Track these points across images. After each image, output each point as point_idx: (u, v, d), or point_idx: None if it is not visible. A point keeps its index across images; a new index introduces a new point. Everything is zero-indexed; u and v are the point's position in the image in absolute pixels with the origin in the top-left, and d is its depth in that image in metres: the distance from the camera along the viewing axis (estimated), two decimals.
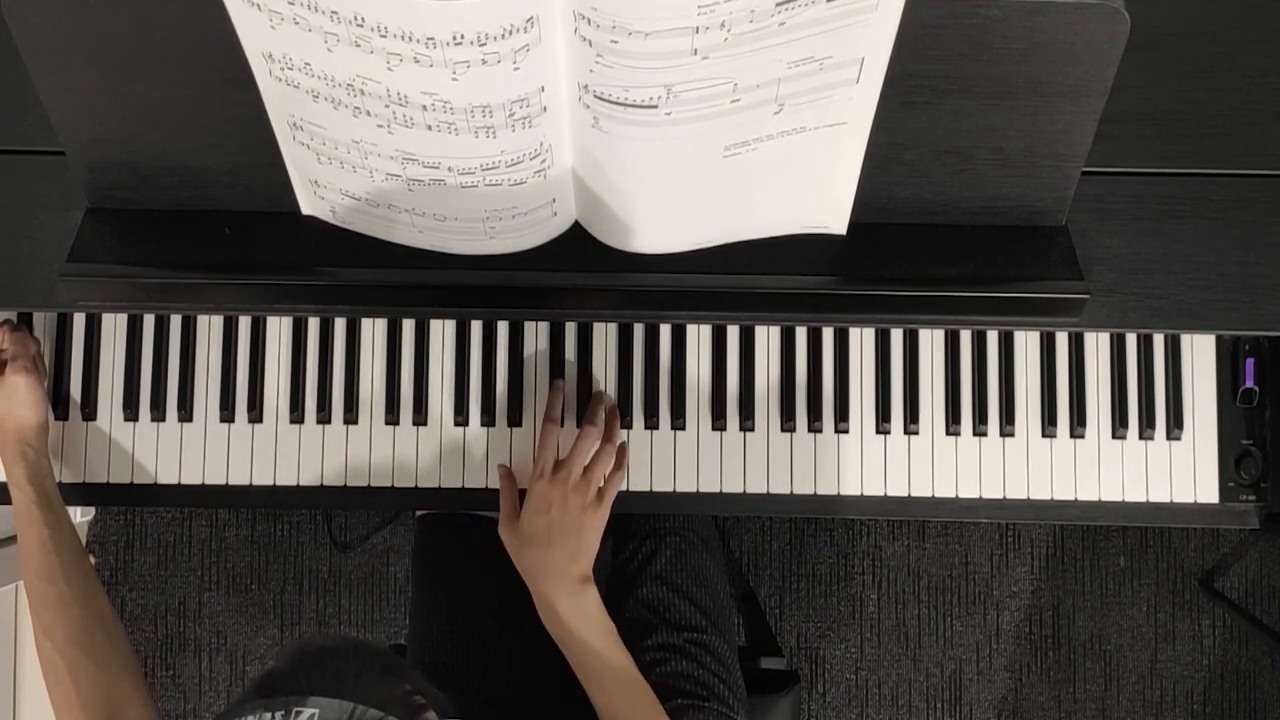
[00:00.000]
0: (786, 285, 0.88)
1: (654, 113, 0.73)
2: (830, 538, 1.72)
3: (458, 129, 0.74)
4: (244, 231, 0.89)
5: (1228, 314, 0.91)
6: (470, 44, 0.67)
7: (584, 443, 0.96)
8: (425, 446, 1.03)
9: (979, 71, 0.79)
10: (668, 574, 1.05)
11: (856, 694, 1.72)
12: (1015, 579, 1.73)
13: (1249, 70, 0.92)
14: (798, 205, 0.86)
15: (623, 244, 0.88)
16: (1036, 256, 0.88)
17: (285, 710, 0.56)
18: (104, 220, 0.89)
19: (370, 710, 0.56)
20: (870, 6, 0.69)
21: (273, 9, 0.69)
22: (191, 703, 1.71)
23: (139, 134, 0.85)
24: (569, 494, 0.93)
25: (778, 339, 1.04)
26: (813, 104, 0.76)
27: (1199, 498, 1.04)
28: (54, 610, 0.89)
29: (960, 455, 1.04)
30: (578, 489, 0.94)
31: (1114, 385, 1.04)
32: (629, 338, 1.04)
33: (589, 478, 0.95)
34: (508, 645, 1.04)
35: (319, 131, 0.79)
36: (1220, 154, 0.92)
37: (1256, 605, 1.73)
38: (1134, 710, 1.73)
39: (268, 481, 1.03)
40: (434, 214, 0.83)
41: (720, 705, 0.97)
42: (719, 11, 0.66)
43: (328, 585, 1.71)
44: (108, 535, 1.71)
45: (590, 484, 0.95)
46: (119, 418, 1.04)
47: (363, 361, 1.04)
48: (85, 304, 0.92)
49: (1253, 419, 1.04)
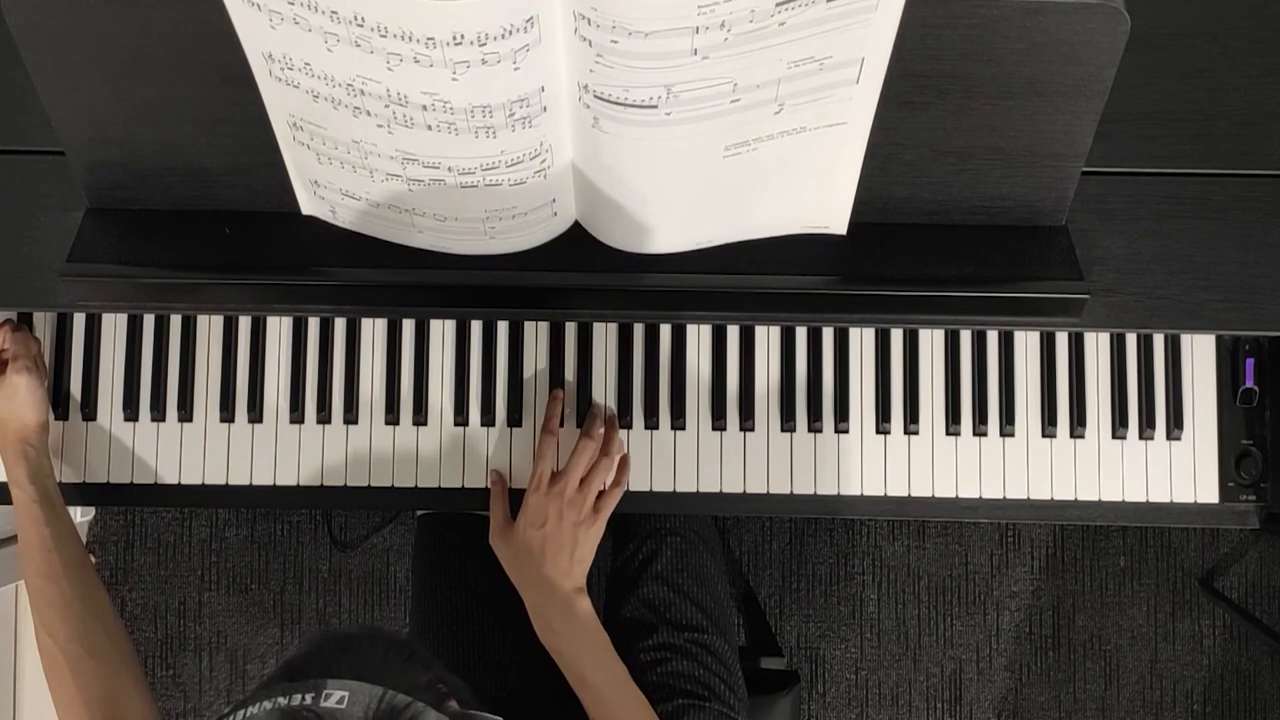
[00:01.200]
0: (786, 285, 0.88)
1: (654, 113, 0.73)
2: (830, 538, 1.72)
3: (458, 129, 0.74)
4: (244, 231, 0.89)
5: (1228, 314, 0.91)
6: (470, 44, 0.67)
7: (581, 456, 0.96)
8: (425, 446, 1.03)
9: (979, 71, 0.79)
10: (668, 574, 1.05)
11: (856, 694, 1.72)
12: (1015, 579, 1.72)
13: (1249, 70, 0.92)
14: (798, 205, 0.86)
15: (623, 244, 0.88)
16: (1036, 256, 0.88)
17: (315, 692, 0.55)
18: (104, 220, 0.89)
19: (399, 695, 0.56)
20: (870, 6, 0.69)
21: (273, 9, 0.69)
22: (191, 702, 1.71)
23: (139, 134, 0.85)
24: (565, 508, 0.93)
25: (778, 339, 1.04)
26: (813, 104, 0.76)
27: (1199, 498, 1.04)
28: (55, 608, 0.90)
29: (960, 455, 1.04)
30: (573, 502, 0.94)
31: (1114, 385, 1.04)
32: (629, 338, 1.04)
33: (585, 491, 0.95)
34: (507, 645, 1.04)
35: (319, 131, 0.79)
36: (1220, 154, 0.92)
37: (1256, 605, 1.73)
38: (1134, 710, 1.73)
39: (268, 481, 1.03)
40: (434, 214, 0.83)
41: (721, 705, 0.97)
42: (719, 11, 0.66)
43: (328, 585, 1.71)
44: (108, 535, 1.71)
45: (586, 497, 0.95)
46: (119, 418, 1.04)
47: (363, 361, 1.04)
48: (85, 304, 0.92)
49: (1253, 419, 1.04)
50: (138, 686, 0.89)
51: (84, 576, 0.92)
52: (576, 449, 0.96)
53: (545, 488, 0.94)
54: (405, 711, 0.55)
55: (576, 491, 0.94)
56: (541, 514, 0.93)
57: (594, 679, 0.89)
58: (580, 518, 0.93)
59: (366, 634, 0.63)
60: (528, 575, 0.93)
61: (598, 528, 0.95)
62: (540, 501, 0.93)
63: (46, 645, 0.89)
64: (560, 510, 0.93)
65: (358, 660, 0.59)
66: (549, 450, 0.97)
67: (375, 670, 0.57)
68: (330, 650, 0.60)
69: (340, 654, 0.60)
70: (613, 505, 0.97)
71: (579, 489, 0.95)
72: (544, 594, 0.91)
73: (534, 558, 0.92)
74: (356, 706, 0.54)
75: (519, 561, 0.93)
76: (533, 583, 0.92)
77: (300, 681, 0.56)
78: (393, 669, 0.59)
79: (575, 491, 0.94)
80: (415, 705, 0.55)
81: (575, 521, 0.93)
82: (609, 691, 0.88)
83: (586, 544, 0.94)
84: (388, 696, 0.55)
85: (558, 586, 0.91)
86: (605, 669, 0.89)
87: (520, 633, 1.01)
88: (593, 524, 0.94)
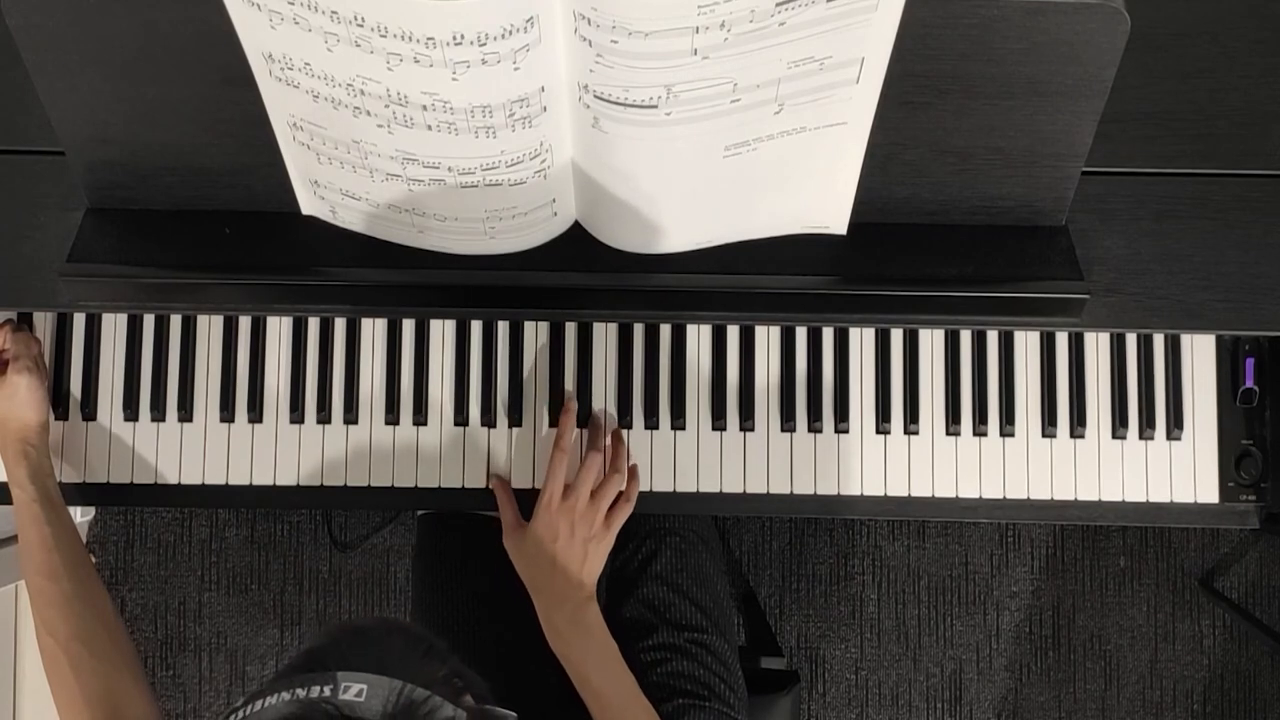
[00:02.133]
0: (786, 285, 0.88)
1: (654, 113, 0.73)
2: (830, 538, 1.72)
3: (458, 129, 0.74)
4: (244, 231, 0.89)
5: (1228, 314, 0.91)
6: (470, 44, 0.67)
7: (589, 470, 0.96)
8: (425, 446, 1.03)
9: (979, 71, 0.79)
10: (668, 574, 1.05)
11: (856, 694, 1.72)
12: (1015, 579, 1.72)
13: (1249, 70, 0.92)
14: (798, 205, 0.86)
15: (623, 244, 0.88)
16: (1036, 256, 0.88)
17: (333, 684, 0.54)
18: (104, 220, 0.89)
19: (417, 689, 0.55)
20: (870, 6, 0.69)
21: (273, 9, 0.69)
22: (191, 703, 1.71)
23: (139, 134, 0.85)
24: (576, 523, 0.94)
25: (778, 339, 1.04)
26: (813, 104, 0.76)
27: (1199, 498, 1.04)
28: (56, 607, 0.90)
29: (960, 455, 1.04)
30: (584, 517, 0.94)
31: (1114, 385, 1.04)
32: (629, 338, 1.04)
33: (596, 505, 0.95)
34: (508, 645, 1.04)
35: (319, 131, 0.79)
36: (1220, 154, 0.92)
37: (1256, 605, 1.73)
38: (1134, 710, 1.73)
39: (268, 481, 1.03)
40: (434, 214, 0.83)
41: (721, 705, 0.97)
42: (719, 11, 0.66)
43: (328, 585, 1.71)
44: (108, 535, 1.71)
45: (597, 512, 0.95)
46: (119, 418, 1.04)
47: (363, 361, 1.04)
48: (85, 304, 0.92)
49: (1253, 419, 1.04)
50: (138, 685, 0.89)
51: (85, 575, 0.92)
52: (585, 463, 0.96)
53: (556, 504, 0.94)
54: (423, 705, 0.54)
55: (588, 506, 0.95)
56: (553, 530, 0.93)
57: (601, 687, 0.89)
58: (591, 533, 0.94)
59: (384, 626, 0.62)
60: (539, 584, 0.93)
61: (608, 541, 0.96)
62: (551, 518, 0.94)
63: (47, 644, 0.89)
64: (572, 526, 0.93)
65: (376, 653, 0.58)
66: (561, 467, 0.97)
67: (393, 663, 0.57)
68: (348, 642, 0.60)
69: (358, 646, 0.59)
70: (623, 519, 0.97)
71: (590, 503, 0.95)
72: (554, 603, 0.92)
73: (545, 571, 0.93)
74: (375, 699, 0.54)
75: (531, 571, 0.94)
76: (543, 591, 0.93)
77: (318, 673, 0.55)
78: (411, 662, 0.58)
79: (586, 506, 0.95)
80: (433, 699, 0.55)
81: (586, 537, 0.94)
82: (615, 700, 0.89)
83: (596, 558, 0.94)
84: (406, 690, 0.55)
85: (568, 597, 0.92)
86: (613, 678, 0.90)
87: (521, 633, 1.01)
88: (603, 538, 0.95)
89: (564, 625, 0.91)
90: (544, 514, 0.94)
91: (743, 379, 1.04)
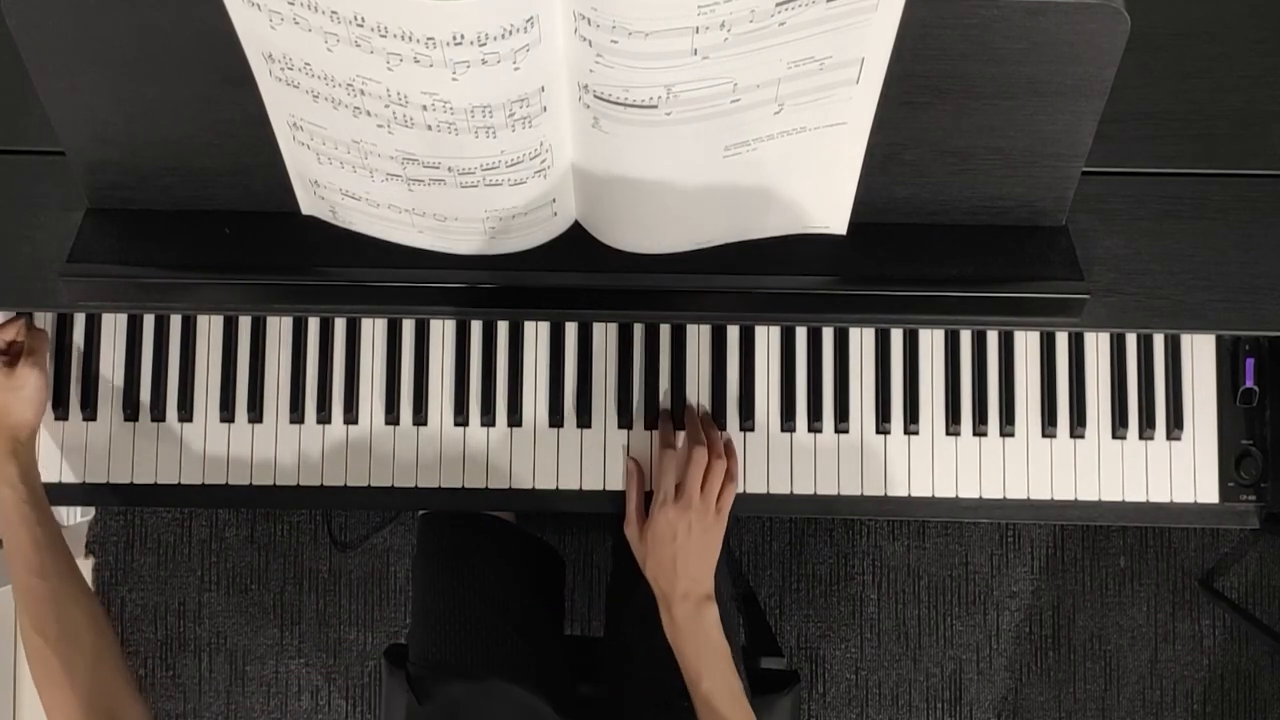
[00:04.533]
0: (786, 285, 0.88)
1: (654, 113, 0.73)
2: (830, 538, 1.72)
3: (458, 129, 0.74)
4: (244, 231, 0.89)
5: (1228, 314, 0.91)
6: (470, 44, 0.67)
7: (695, 467, 0.97)
8: (425, 446, 1.03)
9: (979, 71, 0.79)
10: None
11: (856, 694, 1.72)
12: (1015, 579, 1.72)
13: (1249, 70, 0.92)
14: (798, 205, 0.86)
15: (623, 244, 0.88)
16: (1036, 256, 0.88)
17: None
18: (104, 220, 0.89)
19: None
20: (870, 6, 0.69)
21: (273, 9, 0.69)
22: (191, 703, 1.71)
23: (139, 134, 0.85)
24: (692, 520, 0.95)
25: (778, 339, 1.04)
26: (813, 104, 0.76)
27: (1199, 498, 1.04)
28: (47, 606, 0.89)
29: (960, 455, 1.04)
30: (699, 512, 0.95)
31: (1114, 385, 1.04)
32: (629, 338, 1.04)
33: (706, 497, 0.96)
34: (509, 644, 1.04)
35: (319, 131, 0.79)
36: (1220, 154, 0.92)
37: (1256, 605, 1.73)
38: (1134, 710, 1.73)
39: (268, 481, 1.03)
40: (434, 214, 0.83)
41: None
42: (719, 11, 0.66)
43: (328, 585, 1.71)
44: (108, 535, 1.70)
45: (709, 503, 0.96)
46: (119, 418, 1.04)
47: (363, 361, 1.04)
48: (85, 304, 0.92)
49: (1253, 419, 1.04)
50: (129, 687, 0.89)
51: (73, 576, 0.92)
52: (691, 460, 0.97)
53: (671, 503, 0.96)
54: None
55: (700, 499, 0.96)
56: (671, 529, 0.94)
57: (709, 686, 0.90)
58: (707, 523, 0.96)
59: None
60: (661, 582, 0.94)
61: (721, 526, 0.97)
62: (670, 518, 0.95)
63: (36, 645, 0.89)
64: (689, 523, 0.95)
65: None
66: (670, 465, 0.98)
67: None
68: None
69: None
70: (731, 500, 0.98)
71: (700, 495, 0.96)
72: (675, 598, 0.93)
73: (667, 569, 0.94)
74: None
75: (654, 569, 0.95)
76: (666, 588, 0.94)
77: None
78: None
79: (699, 500, 0.96)
80: None
81: (704, 528, 0.95)
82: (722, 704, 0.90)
83: (714, 546, 0.96)
84: None
85: (689, 593, 0.93)
86: (721, 678, 0.91)
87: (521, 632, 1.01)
88: (718, 525, 0.96)
89: (684, 622, 0.92)
90: (660, 514, 0.95)
91: (743, 379, 1.04)
